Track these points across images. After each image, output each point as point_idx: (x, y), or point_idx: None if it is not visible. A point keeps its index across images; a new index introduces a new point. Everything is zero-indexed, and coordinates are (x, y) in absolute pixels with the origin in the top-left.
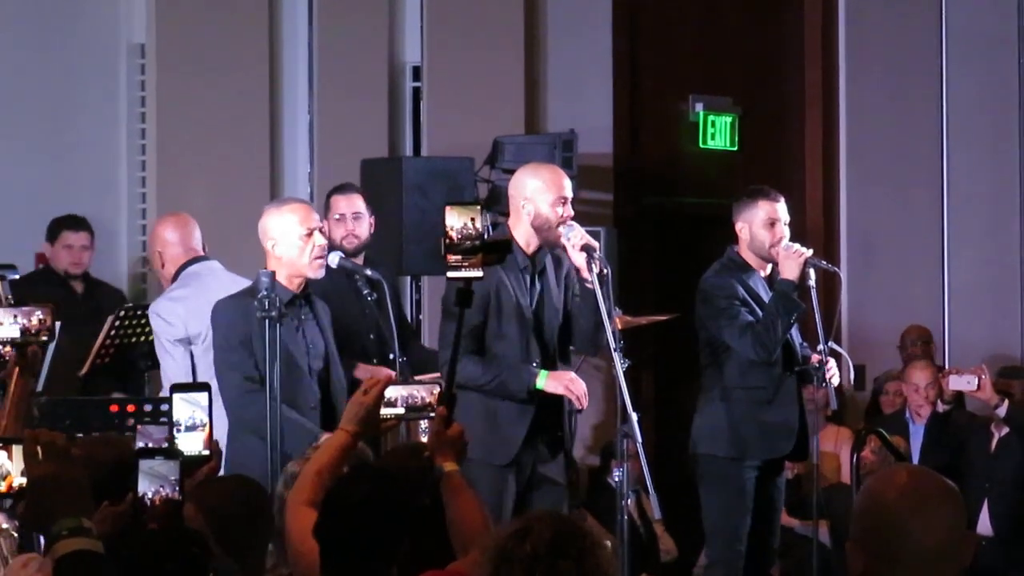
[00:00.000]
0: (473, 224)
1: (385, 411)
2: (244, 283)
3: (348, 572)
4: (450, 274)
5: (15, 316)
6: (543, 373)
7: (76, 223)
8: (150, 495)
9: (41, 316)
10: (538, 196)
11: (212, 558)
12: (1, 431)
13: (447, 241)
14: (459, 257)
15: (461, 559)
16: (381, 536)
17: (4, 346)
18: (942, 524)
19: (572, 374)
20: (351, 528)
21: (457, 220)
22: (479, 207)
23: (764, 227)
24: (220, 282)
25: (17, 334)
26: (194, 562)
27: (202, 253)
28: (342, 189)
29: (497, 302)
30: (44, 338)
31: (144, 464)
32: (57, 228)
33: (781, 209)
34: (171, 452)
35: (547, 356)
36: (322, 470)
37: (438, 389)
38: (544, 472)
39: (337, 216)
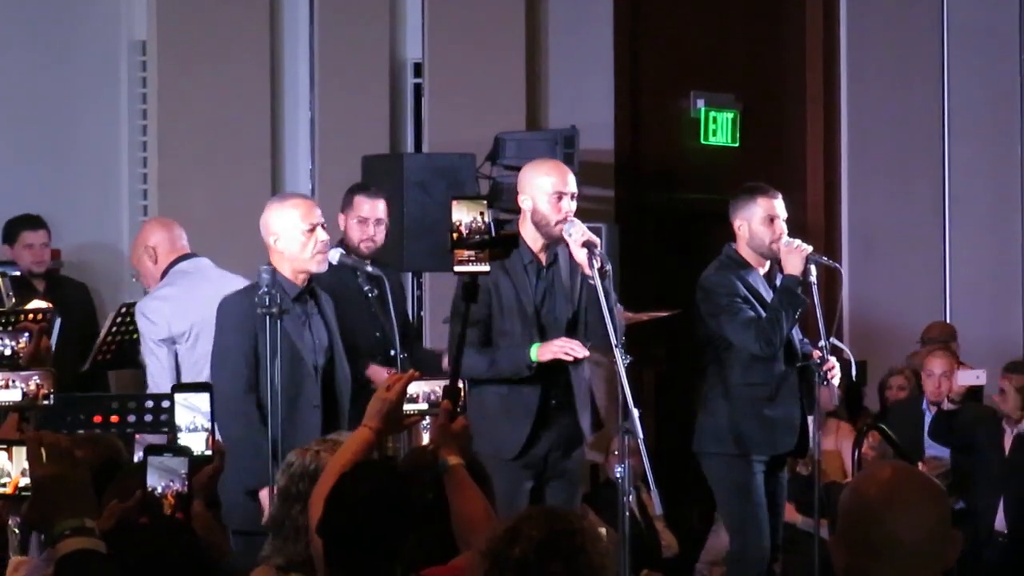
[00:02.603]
0: (481, 218)
1: (408, 407)
2: (236, 280)
3: (352, 568)
4: (457, 269)
5: (14, 380)
6: (535, 346)
7: (34, 223)
8: (160, 490)
9: (39, 381)
10: (536, 191)
11: (221, 555)
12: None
13: (455, 236)
14: (468, 253)
15: (464, 553)
16: (385, 532)
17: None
18: (922, 521)
19: (561, 338)
20: (355, 524)
21: (465, 215)
22: (486, 201)
23: (763, 224)
24: (209, 279)
25: (19, 397)
26: (195, 558)
27: (190, 251)
28: (370, 192)
29: (498, 298)
30: (45, 403)
31: (153, 459)
32: (16, 229)
33: (779, 205)
34: (180, 448)
35: None
36: (346, 466)
37: (460, 385)
38: (560, 466)
39: (359, 218)
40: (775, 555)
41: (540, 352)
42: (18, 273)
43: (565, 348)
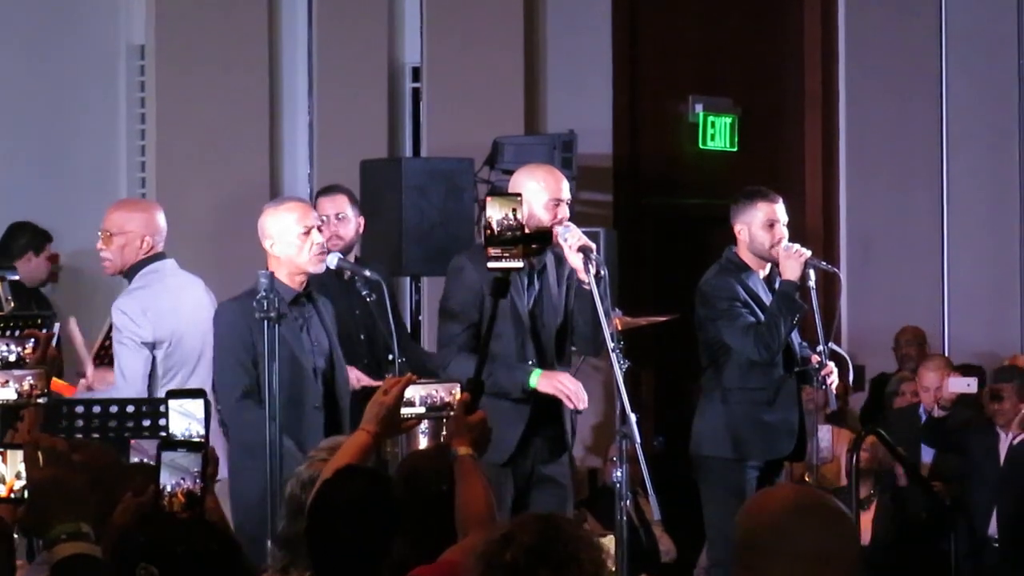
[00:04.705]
0: (514, 215)
1: (405, 411)
2: (198, 283)
3: (337, 572)
4: (491, 265)
5: (8, 380)
6: (536, 372)
7: (50, 235)
8: (170, 487)
9: (33, 381)
10: (532, 197)
11: (236, 551)
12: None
13: (488, 232)
14: (500, 249)
15: (457, 543)
16: (368, 536)
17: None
18: (823, 534)
19: (566, 374)
20: (337, 529)
21: (498, 211)
22: (519, 198)
23: (763, 228)
24: (180, 283)
25: (13, 396)
26: (214, 555)
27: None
28: (326, 190)
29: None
30: (40, 401)
31: (166, 456)
32: (43, 240)
33: (780, 210)
34: (194, 444)
35: (543, 356)
36: None
37: (458, 388)
38: (546, 472)
39: (322, 218)
40: None
41: (540, 382)
42: (16, 277)
43: (568, 392)
